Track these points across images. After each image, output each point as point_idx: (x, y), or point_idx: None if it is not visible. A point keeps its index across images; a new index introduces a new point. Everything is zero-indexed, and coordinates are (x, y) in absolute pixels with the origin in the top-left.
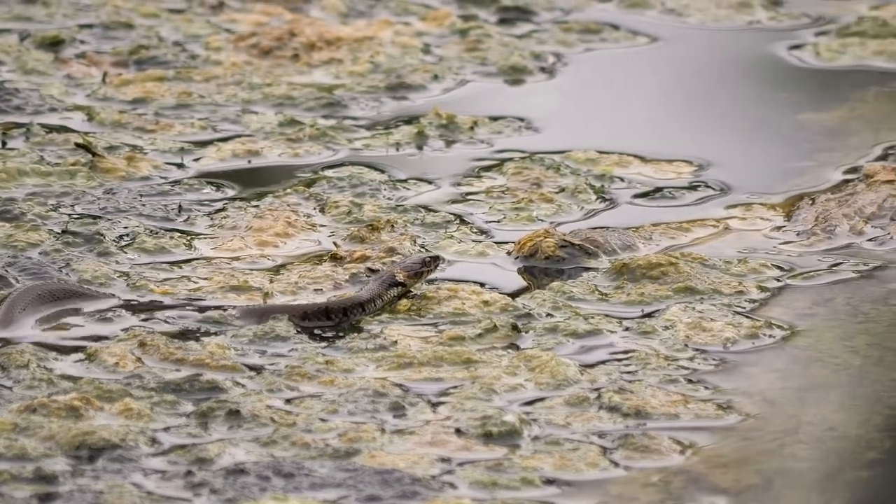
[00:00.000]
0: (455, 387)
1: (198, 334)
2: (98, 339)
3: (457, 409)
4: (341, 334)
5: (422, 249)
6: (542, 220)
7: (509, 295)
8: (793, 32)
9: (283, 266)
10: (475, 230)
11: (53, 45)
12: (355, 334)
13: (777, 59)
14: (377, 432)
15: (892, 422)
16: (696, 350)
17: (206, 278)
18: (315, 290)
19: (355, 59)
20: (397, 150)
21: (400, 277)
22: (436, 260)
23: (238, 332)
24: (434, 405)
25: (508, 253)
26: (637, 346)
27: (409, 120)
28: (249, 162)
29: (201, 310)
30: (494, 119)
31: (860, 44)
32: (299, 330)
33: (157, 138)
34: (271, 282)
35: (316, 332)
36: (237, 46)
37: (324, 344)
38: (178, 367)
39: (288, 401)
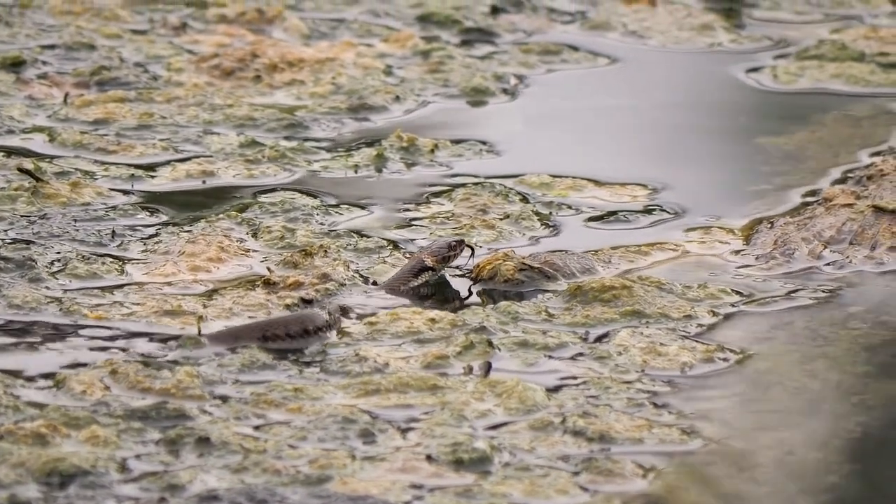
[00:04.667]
0: (425, 413)
1: (174, 363)
2: (73, 366)
3: (427, 436)
4: (318, 359)
5: (355, 275)
6: (479, 247)
7: (451, 311)
8: (753, 55)
9: (215, 291)
10: (408, 256)
11: (15, 65)
12: (333, 358)
13: (735, 81)
14: (348, 459)
15: (852, 445)
16: (652, 375)
17: (138, 304)
18: (249, 316)
19: (317, 81)
20: (356, 172)
21: (429, 262)
22: (461, 243)
23: (221, 360)
24: (404, 431)
25: (465, 276)
26: (594, 371)
27: (371, 142)
28: (204, 182)
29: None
30: (456, 142)
31: (818, 67)
32: (275, 356)
33: (112, 163)
34: (205, 307)
35: (291, 356)
36: (199, 67)
37: (314, 369)
38: (145, 395)
39: (256, 427)
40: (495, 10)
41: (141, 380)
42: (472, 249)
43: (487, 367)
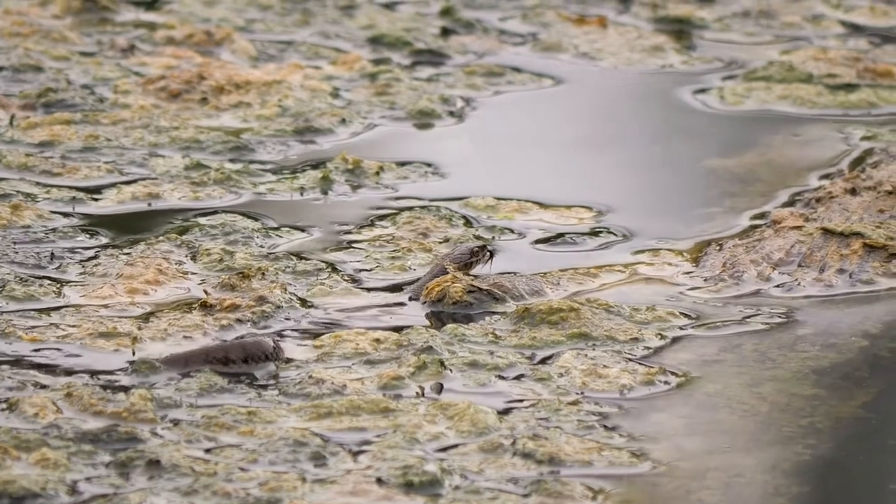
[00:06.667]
0: (378, 436)
1: (129, 386)
2: (23, 388)
3: (378, 459)
4: (273, 382)
5: (292, 298)
6: (414, 270)
7: (394, 330)
8: (703, 77)
9: (152, 313)
10: (346, 278)
11: None
12: (289, 381)
13: (683, 103)
14: (298, 482)
15: (799, 467)
16: (593, 397)
17: (74, 325)
18: (185, 336)
19: (263, 103)
20: (301, 194)
21: (450, 270)
22: (483, 249)
23: (178, 384)
24: (355, 454)
25: (411, 298)
26: (537, 393)
27: (316, 164)
28: (150, 205)
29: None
30: (402, 164)
31: (766, 88)
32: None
33: (55, 185)
34: (140, 329)
35: (246, 380)
36: (146, 90)
37: (272, 392)
38: (97, 418)
39: (208, 450)
40: (446, 32)
41: (94, 403)
42: (492, 254)
43: (440, 388)
